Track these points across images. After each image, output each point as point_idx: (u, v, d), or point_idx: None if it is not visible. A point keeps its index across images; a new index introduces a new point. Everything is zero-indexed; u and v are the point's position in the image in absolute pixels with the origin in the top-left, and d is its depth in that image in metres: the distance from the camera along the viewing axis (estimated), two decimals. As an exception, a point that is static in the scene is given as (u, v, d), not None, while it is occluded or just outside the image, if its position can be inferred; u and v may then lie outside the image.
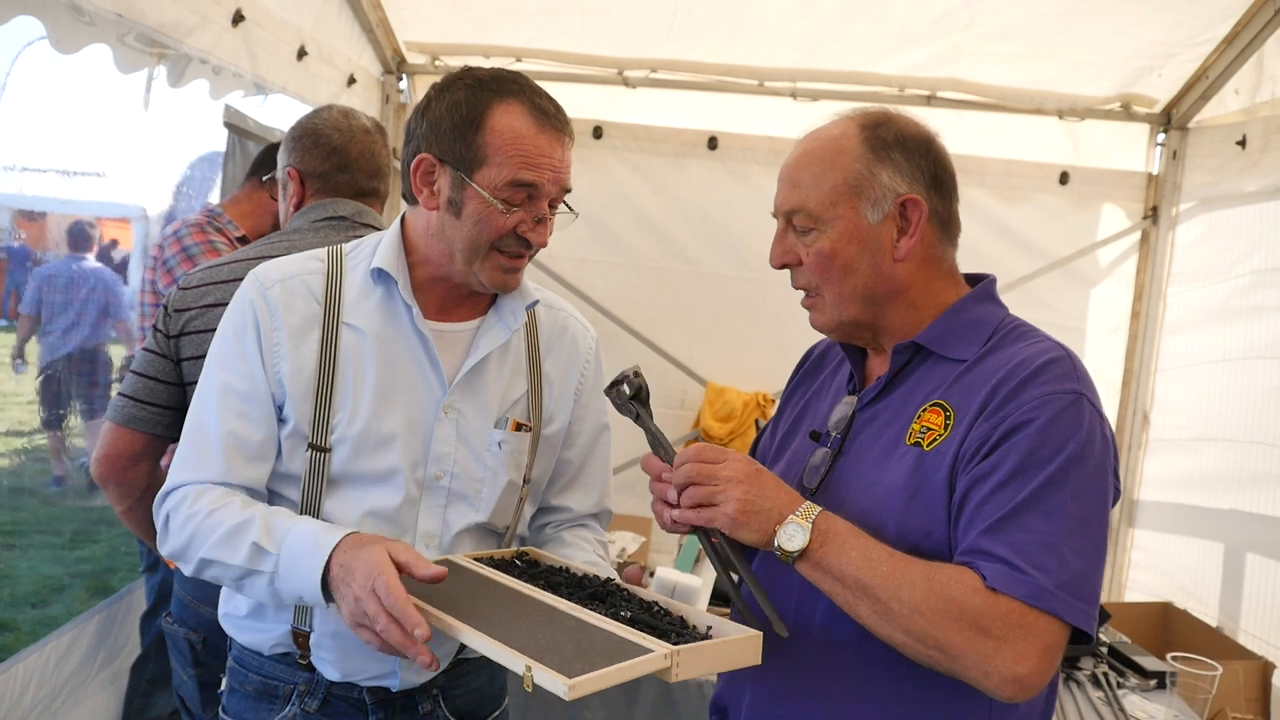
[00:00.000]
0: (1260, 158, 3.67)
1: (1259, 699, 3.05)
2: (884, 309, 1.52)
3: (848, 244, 1.49)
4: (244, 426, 1.63)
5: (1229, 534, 3.72)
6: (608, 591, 1.53)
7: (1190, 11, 3.62)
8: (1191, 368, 4.13)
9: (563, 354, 1.83)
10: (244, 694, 1.78)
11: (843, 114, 1.55)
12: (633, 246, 4.41)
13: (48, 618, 5.39)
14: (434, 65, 4.42)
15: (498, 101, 1.59)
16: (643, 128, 4.37)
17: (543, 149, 1.59)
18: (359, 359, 1.66)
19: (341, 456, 1.65)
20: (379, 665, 1.70)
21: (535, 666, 1.23)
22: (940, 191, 1.51)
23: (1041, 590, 1.26)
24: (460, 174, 1.60)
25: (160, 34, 2.64)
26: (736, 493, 1.37)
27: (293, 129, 2.38)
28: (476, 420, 1.71)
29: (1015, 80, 4.13)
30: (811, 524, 1.35)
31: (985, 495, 1.33)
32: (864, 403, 1.55)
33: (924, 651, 1.31)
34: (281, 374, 1.63)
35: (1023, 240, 4.35)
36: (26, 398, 9.92)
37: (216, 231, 3.01)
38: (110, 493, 2.27)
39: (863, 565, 1.33)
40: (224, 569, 1.55)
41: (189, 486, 1.61)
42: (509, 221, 1.60)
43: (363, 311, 1.67)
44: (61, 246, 8.74)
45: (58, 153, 11.31)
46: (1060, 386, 1.35)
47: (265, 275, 1.69)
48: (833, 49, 4.09)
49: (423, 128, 1.65)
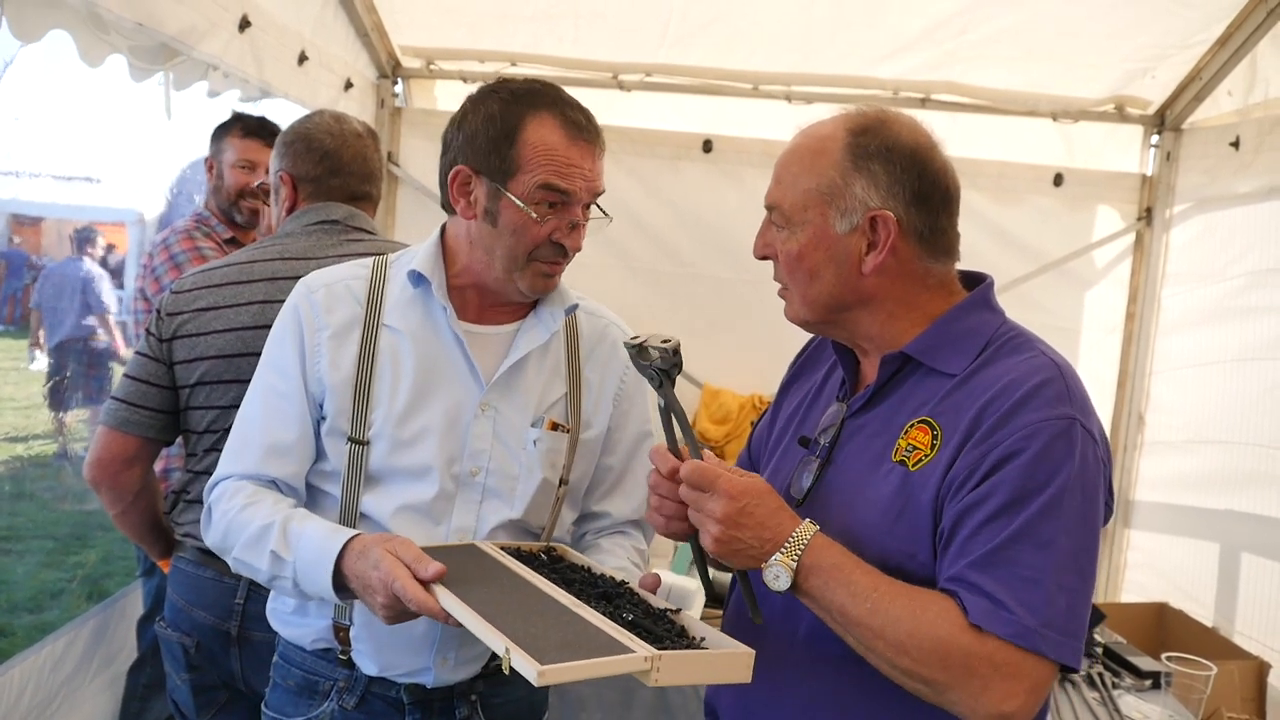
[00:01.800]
0: (1254, 159, 3.68)
1: (1255, 699, 3.06)
2: (854, 316, 1.50)
3: (814, 250, 1.46)
4: (279, 424, 1.71)
5: (1224, 534, 3.72)
6: (618, 594, 1.54)
7: (1183, 14, 3.63)
8: (1186, 369, 4.13)
9: (603, 359, 1.86)
10: (285, 689, 1.83)
11: (841, 112, 1.52)
12: (628, 249, 4.41)
13: (44, 623, 5.38)
14: (429, 69, 4.42)
15: (531, 114, 1.65)
16: (638, 131, 4.38)
17: (574, 160, 1.65)
18: (397, 357, 1.72)
19: (379, 452, 1.70)
20: (414, 660, 1.73)
21: (513, 649, 1.26)
22: (923, 207, 1.44)
23: (1026, 630, 1.25)
24: (495, 185, 1.66)
25: (176, 41, 2.67)
26: (715, 531, 1.36)
27: (284, 134, 2.38)
28: (514, 418, 1.75)
29: (1009, 83, 4.14)
30: (796, 562, 1.33)
31: (974, 528, 1.30)
32: (852, 410, 1.53)
33: (911, 684, 1.31)
34: (321, 371, 1.71)
35: (1017, 242, 4.35)
36: (24, 402, 9.92)
37: (205, 237, 3.02)
38: (103, 497, 2.27)
39: (847, 601, 1.31)
40: (255, 571, 1.65)
41: (229, 480, 1.71)
42: (544, 230, 1.66)
43: (401, 313, 1.74)
44: (55, 251, 8.82)
45: (53, 157, 11.32)
46: (1052, 412, 1.32)
47: (312, 281, 1.78)
48: (827, 55, 4.10)
49: (459, 140, 1.70)
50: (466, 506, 1.73)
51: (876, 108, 1.50)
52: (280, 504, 1.67)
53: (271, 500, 1.67)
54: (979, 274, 1.56)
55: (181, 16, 2.66)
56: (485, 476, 1.73)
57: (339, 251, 2.22)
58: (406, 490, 1.71)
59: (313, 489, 1.76)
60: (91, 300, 8.43)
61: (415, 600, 1.43)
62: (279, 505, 1.66)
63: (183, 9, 2.66)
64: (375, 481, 1.71)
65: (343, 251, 2.22)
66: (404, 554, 1.47)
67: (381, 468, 1.71)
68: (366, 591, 1.50)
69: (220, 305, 2.17)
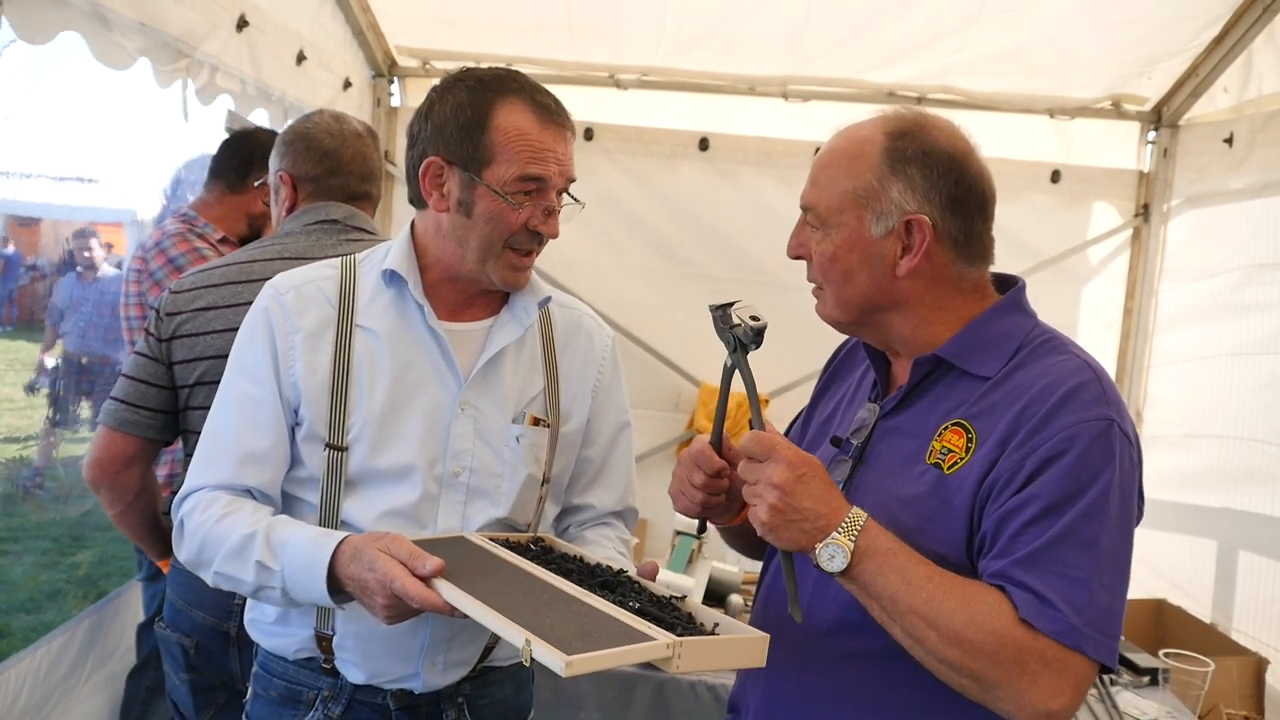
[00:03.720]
0: (1247, 155, 3.69)
1: (1253, 695, 3.07)
2: (886, 318, 1.49)
3: (849, 252, 1.46)
4: (253, 431, 1.66)
5: (1222, 531, 3.73)
6: (619, 582, 1.53)
7: (1180, 11, 3.63)
8: (1183, 364, 4.14)
9: (578, 351, 1.84)
10: (268, 699, 1.79)
11: (879, 113, 1.50)
12: (625, 248, 4.40)
13: (40, 623, 5.38)
14: (425, 69, 4.42)
15: (500, 100, 1.63)
16: (634, 129, 4.37)
17: (547, 143, 1.63)
18: (373, 359, 1.68)
19: (359, 456, 1.67)
20: (402, 666, 1.71)
21: (534, 641, 1.23)
22: (959, 212, 1.44)
23: (1072, 628, 1.26)
24: (470, 174, 1.63)
25: (180, 42, 2.67)
26: (771, 498, 1.34)
27: (284, 134, 2.38)
28: (494, 416, 1.73)
29: (1006, 89, 4.14)
30: (853, 544, 1.32)
31: (1018, 529, 1.30)
32: (885, 411, 1.52)
33: (956, 679, 1.30)
34: (296, 376, 1.66)
35: (1014, 239, 4.35)
36: (21, 403, 9.90)
37: (198, 238, 3.01)
38: (103, 497, 2.27)
39: (901, 588, 1.31)
40: (238, 584, 1.60)
41: (202, 492, 1.66)
42: (520, 216, 1.64)
43: (375, 313, 1.70)
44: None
45: (49, 157, 11.30)
46: (1090, 414, 1.32)
47: (280, 283, 1.73)
48: (822, 64, 4.10)
49: (427, 130, 1.67)
50: (451, 508, 1.70)
51: (915, 110, 1.50)
52: (259, 512, 1.62)
53: (250, 509, 1.62)
54: (1011, 276, 1.56)
55: (183, 17, 2.66)
56: (469, 476, 1.71)
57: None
58: (388, 494, 1.67)
59: (289, 497, 1.71)
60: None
61: (418, 597, 1.40)
62: (258, 514, 1.61)
63: (183, 9, 2.66)
64: (355, 486, 1.68)
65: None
66: (399, 551, 1.45)
67: (361, 472, 1.67)
68: (364, 594, 1.47)
69: (219, 305, 2.17)
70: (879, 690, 1.43)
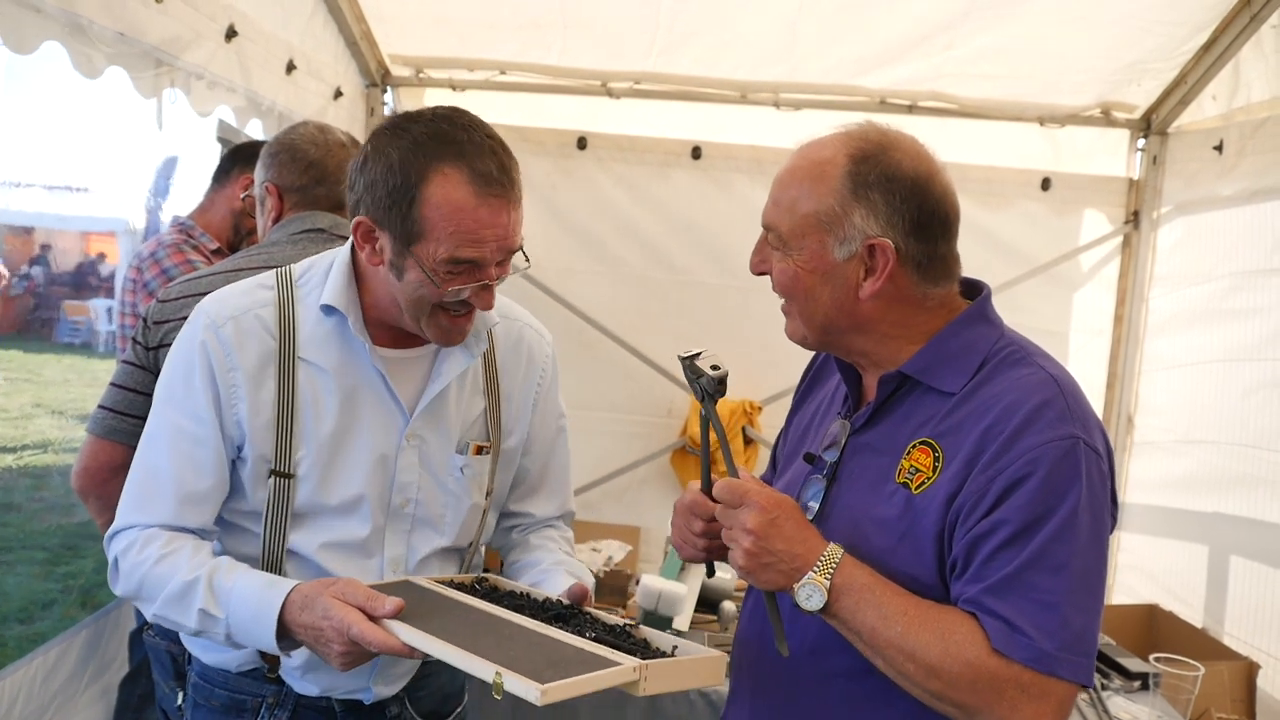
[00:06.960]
0: (1236, 162, 3.71)
1: (1244, 699, 3.07)
2: (850, 337, 1.50)
3: (810, 274, 1.45)
4: (193, 471, 1.61)
5: (1214, 536, 3.73)
6: (571, 614, 1.55)
7: (1169, 18, 3.65)
8: (1175, 370, 4.16)
9: (520, 369, 1.82)
10: (209, 709, 1.77)
11: (841, 131, 1.48)
12: (617, 256, 4.40)
13: (35, 633, 5.36)
14: (418, 78, 4.42)
15: (434, 170, 1.50)
16: (626, 138, 4.37)
17: (484, 221, 1.52)
18: (317, 394, 1.65)
19: (307, 490, 1.65)
20: (354, 680, 1.70)
21: (505, 673, 1.25)
22: (922, 236, 1.43)
23: (1044, 654, 1.27)
24: (399, 244, 1.55)
25: (160, 51, 2.66)
26: (746, 543, 1.37)
27: (269, 144, 2.39)
28: (438, 447, 1.72)
29: (996, 93, 4.16)
30: (829, 582, 1.34)
31: (987, 555, 1.31)
32: (856, 428, 1.53)
33: (940, 706, 1.33)
34: (240, 415, 1.62)
35: (1005, 246, 4.37)
36: (15, 413, 9.87)
37: (193, 249, 3.01)
38: (90, 506, 2.27)
39: (878, 624, 1.33)
40: (179, 626, 1.58)
41: (136, 530, 1.61)
42: (450, 291, 1.56)
43: (317, 345, 1.65)
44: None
45: (43, 167, 11.25)
46: (1054, 434, 1.32)
47: (215, 313, 1.64)
48: (814, 66, 4.12)
49: (360, 185, 1.58)
50: (396, 537, 1.71)
51: (878, 130, 1.48)
52: (199, 552, 1.59)
53: (189, 549, 1.58)
54: (978, 283, 1.55)
55: (166, 26, 2.66)
56: (414, 507, 1.71)
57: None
58: (336, 526, 1.67)
59: (230, 525, 1.69)
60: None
61: (376, 643, 1.39)
62: (199, 554, 1.58)
63: (167, 19, 2.66)
64: (302, 518, 1.66)
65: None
66: (353, 597, 1.43)
67: (310, 506, 1.65)
68: (319, 643, 1.46)
69: (208, 314, 2.17)
70: (864, 705, 1.44)
